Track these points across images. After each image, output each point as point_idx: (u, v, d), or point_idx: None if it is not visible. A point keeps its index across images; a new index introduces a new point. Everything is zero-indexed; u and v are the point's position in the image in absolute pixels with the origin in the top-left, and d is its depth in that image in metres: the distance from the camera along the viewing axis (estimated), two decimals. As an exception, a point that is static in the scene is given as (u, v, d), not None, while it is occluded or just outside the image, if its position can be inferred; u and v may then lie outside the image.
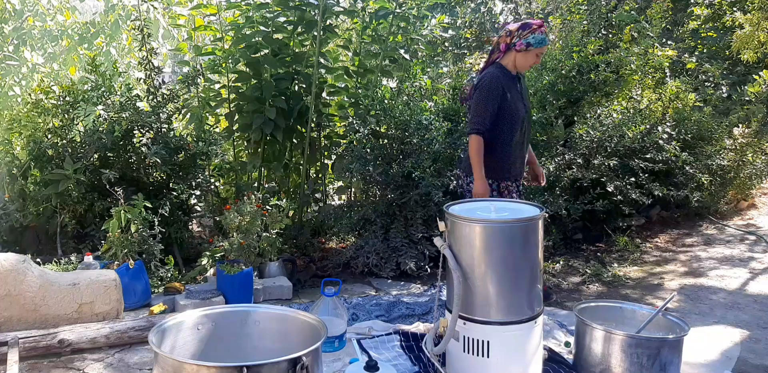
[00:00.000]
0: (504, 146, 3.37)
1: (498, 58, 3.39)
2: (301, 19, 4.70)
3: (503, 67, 3.37)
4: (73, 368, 2.82)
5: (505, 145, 3.37)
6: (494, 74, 3.32)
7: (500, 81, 3.30)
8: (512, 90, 3.35)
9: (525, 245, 2.46)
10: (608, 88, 5.23)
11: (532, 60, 3.34)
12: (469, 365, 2.48)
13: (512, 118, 3.34)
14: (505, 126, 3.34)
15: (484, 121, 3.28)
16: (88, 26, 7.06)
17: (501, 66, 3.37)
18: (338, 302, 3.03)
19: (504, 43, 3.35)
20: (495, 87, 3.28)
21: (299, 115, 4.85)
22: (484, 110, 3.28)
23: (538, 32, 3.27)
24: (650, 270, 4.50)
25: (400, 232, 4.26)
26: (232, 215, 3.90)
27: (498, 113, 3.30)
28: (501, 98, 3.29)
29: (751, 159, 6.05)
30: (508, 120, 3.33)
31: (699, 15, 8.44)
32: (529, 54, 3.30)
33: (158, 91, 4.47)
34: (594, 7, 6.07)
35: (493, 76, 3.31)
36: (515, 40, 3.30)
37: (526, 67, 3.38)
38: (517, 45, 3.30)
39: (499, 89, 3.28)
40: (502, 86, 3.29)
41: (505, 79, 3.32)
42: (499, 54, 3.38)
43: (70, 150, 4.24)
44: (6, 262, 3.02)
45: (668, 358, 2.53)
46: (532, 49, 3.29)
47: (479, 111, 3.30)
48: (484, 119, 3.28)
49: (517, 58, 3.33)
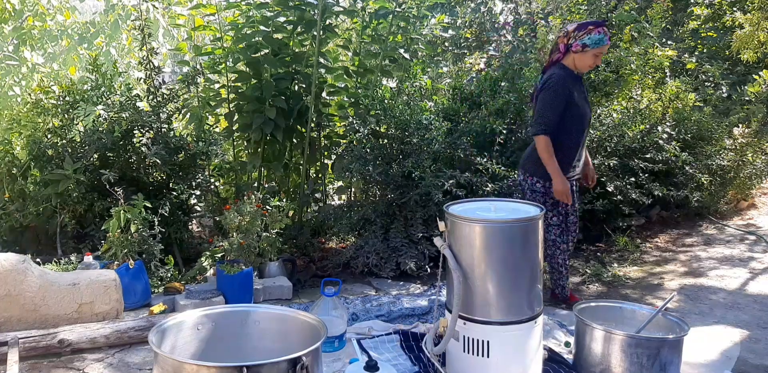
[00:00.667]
0: (570, 146, 3.37)
1: (559, 59, 3.38)
2: (301, 19, 4.70)
3: (566, 68, 3.36)
4: (73, 368, 2.82)
5: (571, 146, 3.38)
6: (560, 74, 3.32)
7: (566, 81, 3.30)
8: (577, 90, 3.35)
9: (525, 245, 2.46)
10: (608, 88, 5.23)
11: (590, 61, 3.30)
12: (469, 365, 2.48)
13: (579, 119, 3.34)
14: (573, 126, 3.34)
15: (551, 121, 3.28)
16: (88, 26, 7.07)
17: (563, 66, 3.37)
18: (338, 302, 3.03)
19: (562, 43, 3.35)
20: (562, 87, 3.28)
21: (299, 115, 4.85)
22: (551, 111, 3.28)
23: (595, 33, 3.24)
24: (650, 270, 4.50)
25: (400, 232, 4.26)
26: (232, 215, 3.90)
27: (565, 113, 3.29)
28: (568, 98, 3.28)
29: (751, 159, 6.05)
30: (577, 120, 3.33)
31: (699, 15, 8.43)
32: (586, 55, 3.28)
33: (158, 91, 4.47)
34: (594, 7, 6.07)
35: (560, 77, 3.31)
36: (572, 41, 3.29)
37: (585, 68, 3.35)
38: (573, 46, 3.30)
39: (566, 89, 3.28)
40: (568, 86, 3.29)
41: (570, 80, 3.32)
42: (559, 54, 3.37)
43: (70, 150, 4.24)
44: (6, 262, 3.02)
45: (668, 358, 2.53)
46: (589, 50, 3.26)
47: (546, 111, 3.30)
48: (551, 120, 3.28)
49: (575, 60, 3.33)
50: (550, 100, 3.29)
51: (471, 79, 6.05)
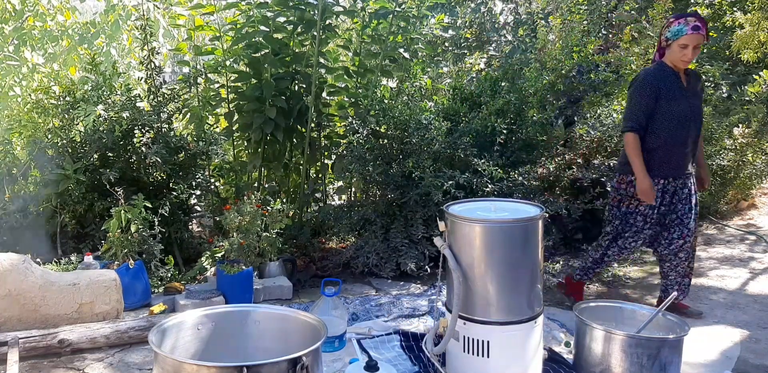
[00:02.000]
0: (666, 144, 3.29)
1: (662, 56, 3.37)
2: (301, 19, 4.70)
3: (663, 65, 3.32)
4: (73, 368, 2.82)
5: (670, 143, 3.29)
6: (647, 72, 3.32)
7: (653, 79, 3.27)
8: (672, 87, 3.27)
9: (525, 245, 2.46)
10: (608, 88, 5.23)
11: (678, 53, 3.23)
12: (469, 365, 2.48)
13: (673, 116, 3.26)
14: (664, 123, 3.27)
15: (638, 118, 3.27)
16: (88, 26, 7.06)
17: (659, 63, 3.34)
18: (338, 302, 3.03)
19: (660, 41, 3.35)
20: (644, 85, 3.27)
21: (299, 115, 4.85)
22: (636, 108, 3.28)
23: (675, 24, 3.22)
24: (650, 270, 4.50)
25: (400, 232, 4.26)
26: (232, 215, 3.90)
27: (655, 111, 3.26)
28: (655, 96, 3.25)
29: (751, 159, 6.05)
30: (669, 117, 3.26)
31: (699, 15, 8.42)
32: (672, 48, 3.25)
33: (159, 90, 4.47)
34: (594, 7, 6.07)
35: (646, 74, 3.30)
36: (662, 37, 3.30)
37: (679, 62, 3.26)
38: (662, 42, 3.31)
39: (652, 86, 3.25)
40: (654, 84, 3.25)
41: (661, 77, 3.28)
42: (660, 51, 3.37)
43: (70, 150, 4.24)
44: (6, 262, 3.03)
45: (668, 358, 2.53)
46: (672, 43, 3.24)
47: (631, 109, 3.31)
48: (637, 117, 3.27)
49: (668, 55, 3.31)
50: (632, 98, 3.32)
51: (471, 79, 6.05)
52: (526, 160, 4.65)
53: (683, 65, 3.27)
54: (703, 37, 3.20)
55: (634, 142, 3.27)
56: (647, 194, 3.26)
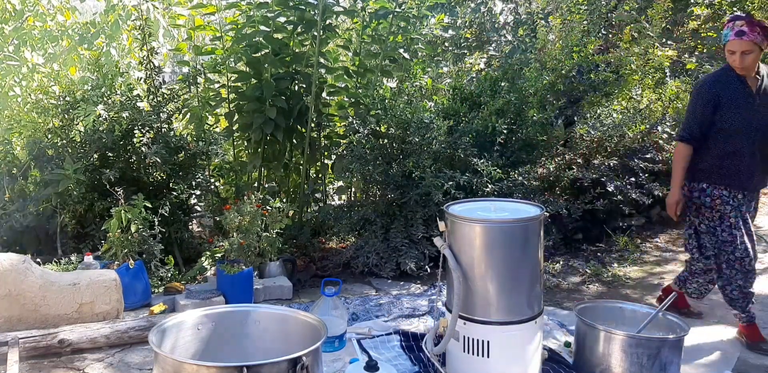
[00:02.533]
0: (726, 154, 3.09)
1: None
2: (301, 19, 4.70)
3: (727, 69, 3.10)
4: (73, 368, 2.82)
5: (729, 152, 3.08)
6: (707, 78, 3.16)
7: (711, 85, 3.08)
8: (736, 94, 3.05)
9: (525, 245, 2.46)
10: (608, 88, 5.22)
11: (731, 58, 3.03)
12: (469, 365, 2.48)
13: (733, 124, 3.05)
14: (723, 131, 3.08)
15: (690, 129, 3.12)
16: (88, 26, 7.05)
17: (725, 67, 3.12)
18: (338, 302, 3.03)
19: None
20: (701, 92, 3.11)
21: (299, 114, 4.85)
22: (692, 116, 3.13)
23: (725, 27, 3.03)
24: (650, 270, 4.50)
25: (400, 232, 4.26)
26: (232, 215, 3.90)
27: (714, 118, 3.08)
28: (714, 105, 3.06)
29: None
30: (729, 125, 3.06)
31: (699, 15, 8.43)
32: (727, 53, 3.04)
33: (158, 90, 4.47)
34: (594, 7, 6.06)
35: (705, 81, 3.14)
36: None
37: (737, 67, 3.02)
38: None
39: (709, 93, 3.06)
40: (713, 91, 3.06)
41: (723, 82, 3.07)
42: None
43: (70, 150, 4.24)
44: (6, 262, 3.03)
45: (668, 358, 2.54)
46: (726, 48, 3.04)
47: (687, 117, 3.17)
48: (690, 127, 3.12)
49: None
50: (690, 106, 3.17)
51: (471, 79, 6.05)
52: (526, 161, 4.65)
53: (740, 71, 3.05)
54: (751, 42, 2.94)
55: (680, 152, 3.15)
56: (672, 207, 3.19)
